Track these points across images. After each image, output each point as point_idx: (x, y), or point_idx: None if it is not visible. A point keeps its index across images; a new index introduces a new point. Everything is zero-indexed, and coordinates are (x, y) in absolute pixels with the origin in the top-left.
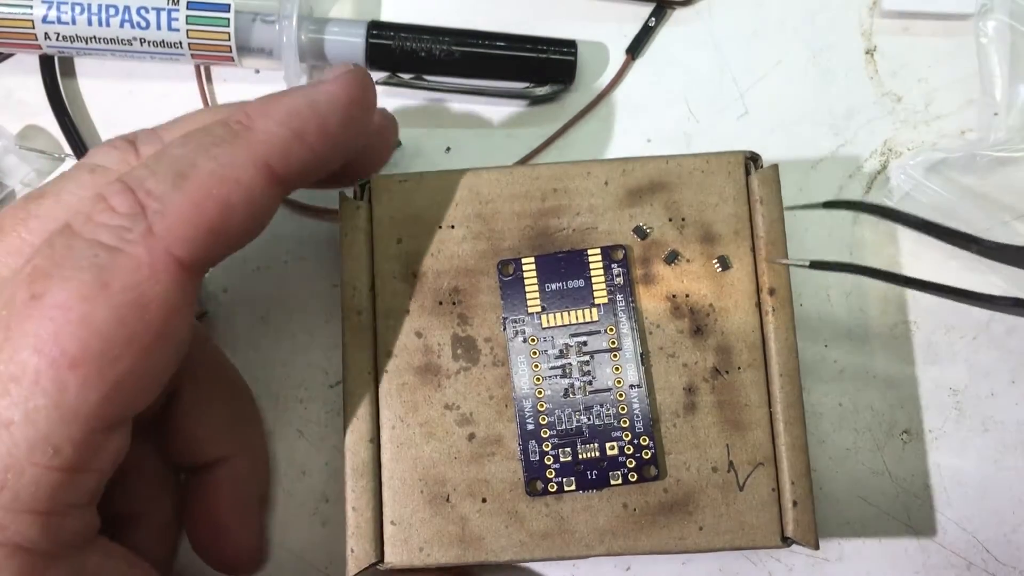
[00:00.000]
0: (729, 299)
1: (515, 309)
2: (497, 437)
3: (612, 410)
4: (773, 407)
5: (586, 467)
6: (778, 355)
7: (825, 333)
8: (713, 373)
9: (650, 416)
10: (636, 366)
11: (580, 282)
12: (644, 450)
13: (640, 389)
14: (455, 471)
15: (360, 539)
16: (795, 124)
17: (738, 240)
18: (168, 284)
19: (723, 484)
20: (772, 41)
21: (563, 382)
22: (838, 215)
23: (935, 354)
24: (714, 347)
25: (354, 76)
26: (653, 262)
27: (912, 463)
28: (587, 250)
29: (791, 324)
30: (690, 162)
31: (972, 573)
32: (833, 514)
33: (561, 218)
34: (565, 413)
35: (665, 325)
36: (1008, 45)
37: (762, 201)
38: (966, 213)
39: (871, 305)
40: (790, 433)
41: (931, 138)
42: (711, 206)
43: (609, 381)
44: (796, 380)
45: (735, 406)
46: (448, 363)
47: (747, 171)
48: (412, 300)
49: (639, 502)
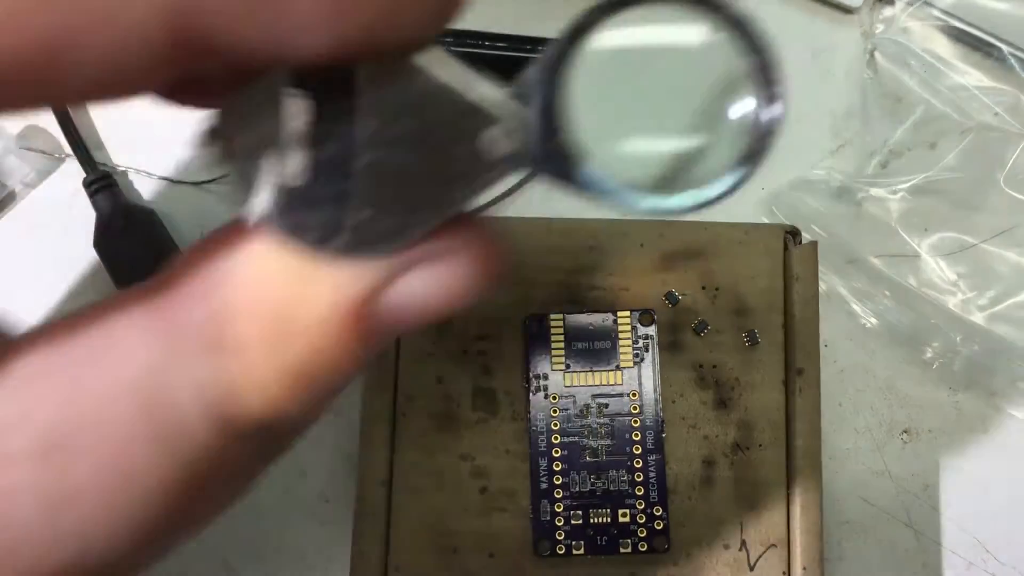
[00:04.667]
0: (756, 374)
1: (539, 365)
2: (510, 492)
3: (628, 476)
4: (791, 488)
5: (596, 532)
6: (801, 436)
7: (825, 333)
8: (733, 448)
9: (666, 486)
10: (656, 434)
11: (607, 343)
12: (657, 520)
13: (658, 457)
14: (464, 523)
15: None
16: (795, 124)
17: (770, 315)
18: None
19: (734, 563)
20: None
21: (581, 443)
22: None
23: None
24: (736, 422)
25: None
26: (682, 329)
27: (912, 463)
28: (617, 312)
29: (817, 406)
30: (729, 232)
31: (972, 573)
32: (833, 514)
33: (594, 276)
34: (580, 475)
35: (689, 395)
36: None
37: (798, 279)
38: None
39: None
40: (806, 517)
41: (930, 138)
42: (746, 278)
43: (628, 446)
44: (817, 464)
45: (752, 484)
46: (467, 413)
47: (785, 246)
48: (436, 344)
49: (648, 573)
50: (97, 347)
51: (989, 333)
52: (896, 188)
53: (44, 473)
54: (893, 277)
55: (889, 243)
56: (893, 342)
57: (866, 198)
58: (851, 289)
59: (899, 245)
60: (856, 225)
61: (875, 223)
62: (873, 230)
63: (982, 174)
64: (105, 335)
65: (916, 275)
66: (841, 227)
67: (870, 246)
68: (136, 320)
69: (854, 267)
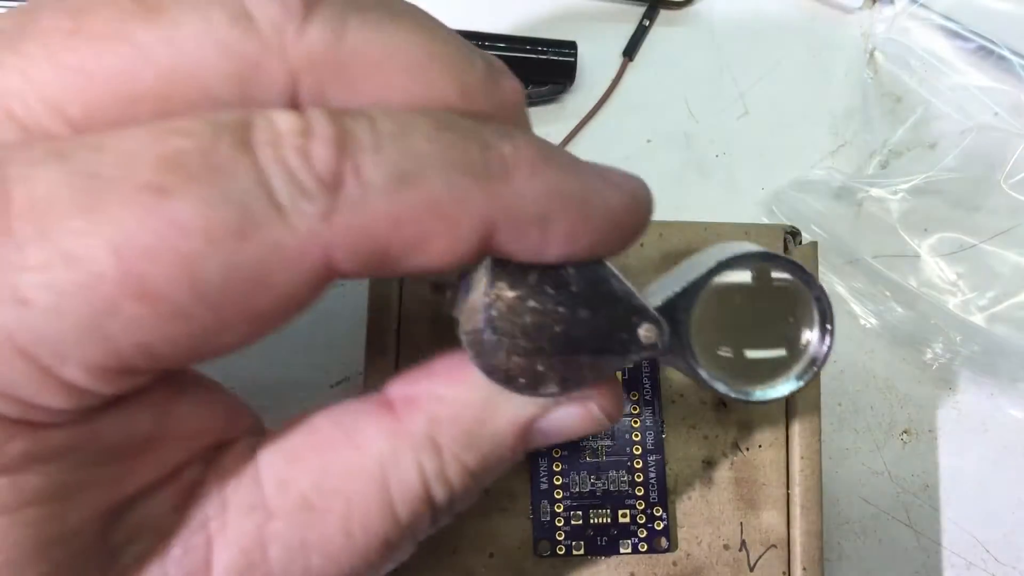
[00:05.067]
0: None
1: None
2: (510, 492)
3: (628, 477)
4: (791, 489)
5: (596, 532)
6: (801, 437)
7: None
8: (733, 448)
9: (666, 486)
10: (656, 434)
11: None
12: (657, 520)
13: (658, 458)
14: (464, 521)
15: None
16: (795, 124)
17: None
18: (300, 283)
19: (734, 563)
20: (772, 41)
21: (581, 443)
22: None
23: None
24: (736, 422)
25: (646, 196)
26: None
27: (912, 463)
28: None
29: (817, 407)
30: (729, 231)
31: (972, 573)
32: (833, 514)
33: None
34: (580, 475)
35: (689, 395)
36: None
37: None
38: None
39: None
40: (806, 518)
41: (931, 138)
42: None
43: (628, 447)
44: (817, 464)
45: (752, 484)
46: None
47: (785, 246)
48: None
49: (647, 573)
50: (342, 441)
51: (989, 333)
52: (896, 188)
53: (295, 528)
54: (893, 277)
55: (889, 243)
56: (893, 342)
57: (866, 198)
58: (851, 289)
59: (899, 245)
60: (856, 225)
61: (875, 223)
62: (873, 230)
63: (982, 174)
64: (350, 433)
65: (916, 275)
66: (841, 227)
67: (870, 246)
68: (374, 423)
69: (854, 267)
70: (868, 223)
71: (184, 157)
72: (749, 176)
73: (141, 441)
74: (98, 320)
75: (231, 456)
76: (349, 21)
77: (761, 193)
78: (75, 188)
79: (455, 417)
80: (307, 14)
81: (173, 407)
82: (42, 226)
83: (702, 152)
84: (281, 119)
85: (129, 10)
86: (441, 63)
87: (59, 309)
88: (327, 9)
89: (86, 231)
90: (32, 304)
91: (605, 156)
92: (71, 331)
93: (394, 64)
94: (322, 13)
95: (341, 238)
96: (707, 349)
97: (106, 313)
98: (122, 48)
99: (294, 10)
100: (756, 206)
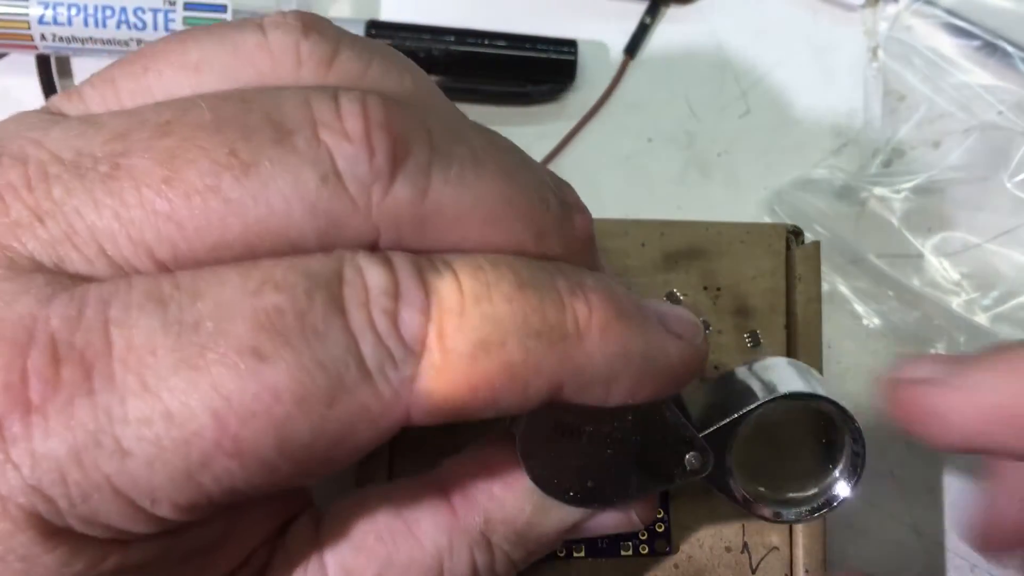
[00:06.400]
0: None
1: None
2: None
3: None
4: None
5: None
6: None
7: (828, 334)
8: None
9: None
10: None
11: None
12: (658, 522)
13: None
14: None
15: None
16: (797, 123)
17: (772, 316)
18: (378, 439)
19: (735, 565)
20: (774, 39)
21: None
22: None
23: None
24: None
25: (702, 344)
26: None
27: (915, 464)
28: None
29: None
30: (730, 231)
31: (975, 575)
32: (835, 516)
33: None
34: None
35: None
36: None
37: (801, 279)
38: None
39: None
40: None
41: (934, 137)
42: (748, 279)
43: None
44: None
45: None
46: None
47: (787, 246)
48: None
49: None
50: (403, 532)
51: (993, 334)
52: (899, 187)
53: None
54: (896, 277)
55: (892, 243)
56: (896, 343)
57: (869, 197)
58: (854, 289)
59: (902, 245)
60: (859, 225)
61: (878, 223)
62: (876, 230)
63: (986, 173)
64: (410, 524)
65: (920, 275)
66: (844, 227)
67: (873, 246)
68: (431, 516)
69: (857, 267)
70: (871, 222)
71: (280, 319)
72: (751, 175)
73: (219, 537)
74: (191, 471)
75: (294, 539)
76: (433, 178)
77: (763, 192)
78: (174, 337)
79: (508, 521)
80: (394, 171)
81: (247, 506)
82: (143, 378)
83: (704, 151)
84: (371, 275)
85: (223, 163)
86: (518, 210)
87: (157, 461)
88: (412, 165)
89: (186, 391)
90: (133, 456)
91: (606, 155)
92: (166, 480)
93: (473, 216)
94: (407, 169)
95: (421, 400)
96: (744, 470)
97: (200, 465)
98: (213, 203)
99: (382, 169)
100: (758, 205)
